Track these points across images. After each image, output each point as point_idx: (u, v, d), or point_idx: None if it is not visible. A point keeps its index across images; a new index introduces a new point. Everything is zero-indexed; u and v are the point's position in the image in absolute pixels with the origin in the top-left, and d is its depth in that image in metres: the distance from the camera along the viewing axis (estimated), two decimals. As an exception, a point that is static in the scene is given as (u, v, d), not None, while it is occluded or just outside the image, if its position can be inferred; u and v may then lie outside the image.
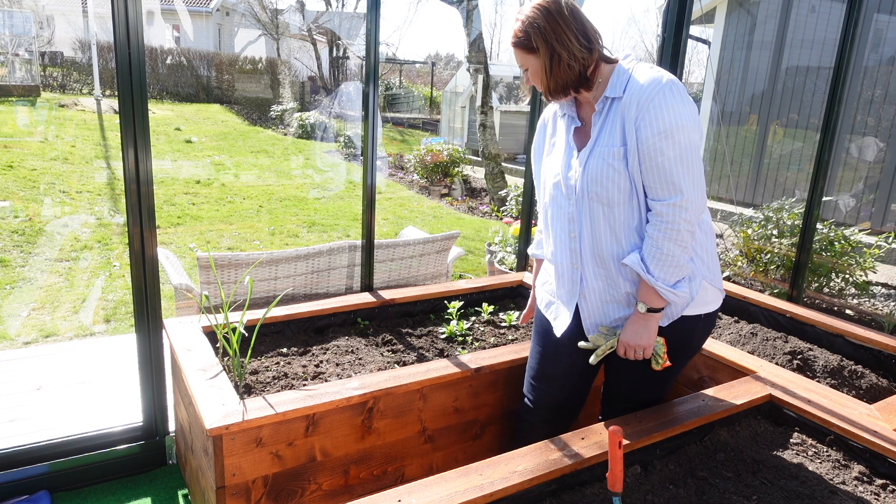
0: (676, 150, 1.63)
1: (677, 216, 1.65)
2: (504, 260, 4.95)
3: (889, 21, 7.57)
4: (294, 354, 2.40)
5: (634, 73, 1.71)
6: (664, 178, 1.65)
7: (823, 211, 5.71)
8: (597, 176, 1.73)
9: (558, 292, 1.96)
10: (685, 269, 1.74)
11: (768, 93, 8.71)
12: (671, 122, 1.62)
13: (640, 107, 1.65)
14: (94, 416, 2.76)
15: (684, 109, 1.63)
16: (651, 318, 1.76)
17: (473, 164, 11.61)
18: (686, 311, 1.82)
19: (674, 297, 1.73)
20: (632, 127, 1.66)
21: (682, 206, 1.65)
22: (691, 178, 1.65)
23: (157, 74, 18.68)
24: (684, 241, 1.68)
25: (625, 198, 1.72)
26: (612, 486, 1.45)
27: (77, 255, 5.66)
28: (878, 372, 2.52)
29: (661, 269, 1.70)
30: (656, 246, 1.69)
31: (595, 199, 1.75)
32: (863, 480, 1.77)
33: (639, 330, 1.77)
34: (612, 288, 1.82)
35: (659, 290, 1.71)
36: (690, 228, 1.68)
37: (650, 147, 1.64)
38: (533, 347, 2.10)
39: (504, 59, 32.35)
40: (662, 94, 1.63)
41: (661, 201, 1.67)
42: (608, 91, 1.73)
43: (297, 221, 7.57)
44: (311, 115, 15.25)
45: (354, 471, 2.08)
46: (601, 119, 1.75)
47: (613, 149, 1.70)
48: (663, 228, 1.67)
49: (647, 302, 1.75)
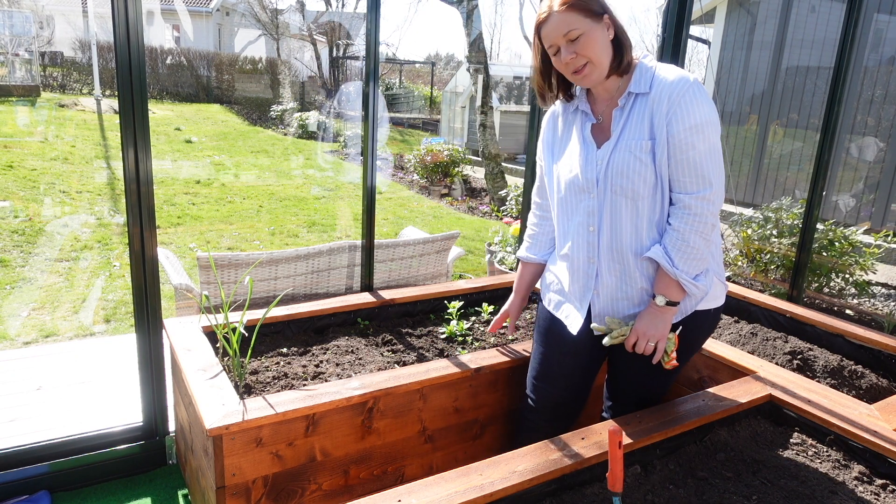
0: (706, 144, 1.67)
1: (705, 209, 1.69)
2: (504, 260, 4.95)
3: (889, 21, 7.57)
4: (294, 354, 2.40)
5: (659, 71, 1.73)
6: (695, 172, 1.68)
7: (823, 211, 5.71)
8: (623, 169, 1.74)
9: (571, 288, 1.94)
10: (706, 262, 1.77)
11: (768, 93, 8.71)
12: (702, 117, 1.66)
13: (671, 102, 1.67)
14: (94, 416, 2.76)
15: (710, 107, 1.69)
16: (668, 312, 1.78)
17: (473, 164, 11.61)
18: (699, 307, 1.84)
19: (695, 289, 1.75)
20: (662, 122, 1.68)
21: (710, 199, 1.69)
22: (717, 172, 1.70)
23: (157, 74, 18.67)
24: (708, 235, 1.72)
25: (650, 191, 1.74)
26: (612, 486, 1.45)
27: (77, 255, 5.66)
28: (878, 372, 2.52)
29: (685, 261, 1.72)
30: (682, 238, 1.71)
31: (619, 193, 1.76)
32: (863, 480, 1.77)
33: (655, 321, 1.78)
34: (626, 284, 1.83)
35: (682, 283, 1.73)
36: (714, 222, 1.72)
37: (682, 141, 1.67)
38: (535, 347, 2.10)
39: (504, 59, 32.38)
40: (692, 91, 1.67)
41: (690, 194, 1.70)
42: (632, 87, 1.74)
43: (297, 221, 7.57)
44: (311, 115, 15.25)
45: (354, 471, 2.08)
46: (624, 114, 1.76)
47: (641, 142, 1.71)
48: (691, 221, 1.70)
49: (666, 295, 1.76)
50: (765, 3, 8.85)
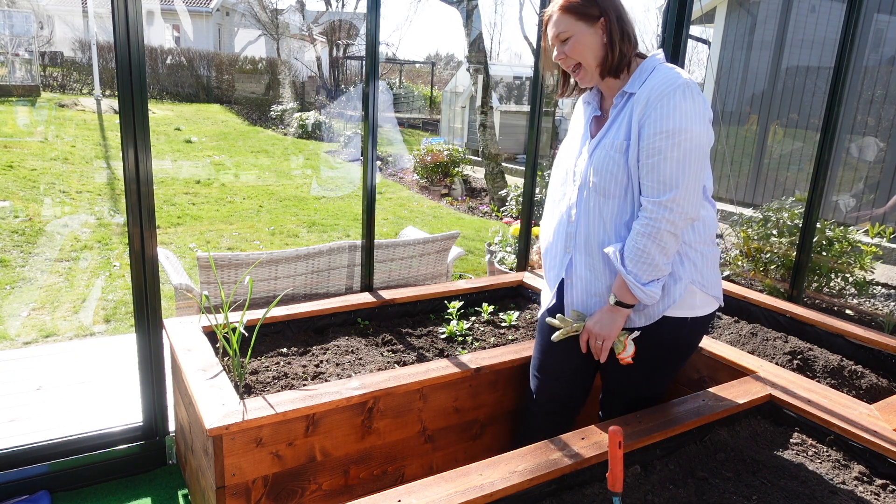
0: (676, 152, 1.64)
1: (660, 215, 1.66)
2: (504, 260, 4.95)
3: (889, 21, 7.57)
4: (294, 354, 2.40)
5: (655, 71, 1.72)
6: (656, 177, 1.67)
7: (823, 210, 5.71)
8: (598, 166, 1.76)
9: (547, 275, 2.00)
10: (661, 270, 1.73)
11: (768, 93, 8.71)
12: (676, 123, 1.63)
13: (647, 104, 1.67)
14: (94, 416, 2.76)
15: (694, 112, 1.64)
16: (618, 312, 1.78)
17: (473, 164, 11.61)
18: (669, 313, 1.81)
19: (642, 294, 1.73)
20: (636, 123, 1.69)
21: (667, 205, 1.66)
22: (685, 181, 1.65)
23: (157, 74, 18.67)
24: (663, 242, 1.68)
25: (620, 191, 1.75)
26: (612, 486, 1.45)
27: (77, 255, 5.66)
28: (878, 372, 2.52)
29: (634, 264, 1.72)
30: (635, 241, 1.71)
31: (594, 189, 1.79)
32: (863, 480, 1.77)
33: (604, 320, 1.80)
34: (597, 279, 1.85)
35: (629, 285, 1.74)
36: (672, 230, 1.67)
37: (649, 145, 1.67)
38: (536, 341, 2.15)
39: (504, 59, 32.36)
40: (672, 95, 1.64)
41: (649, 198, 1.69)
42: (627, 86, 1.75)
43: (297, 221, 7.57)
44: (311, 115, 15.25)
45: (354, 471, 2.08)
46: (616, 112, 1.78)
47: (617, 142, 1.73)
48: (645, 224, 1.69)
49: (617, 294, 1.78)
50: (765, 3, 8.85)
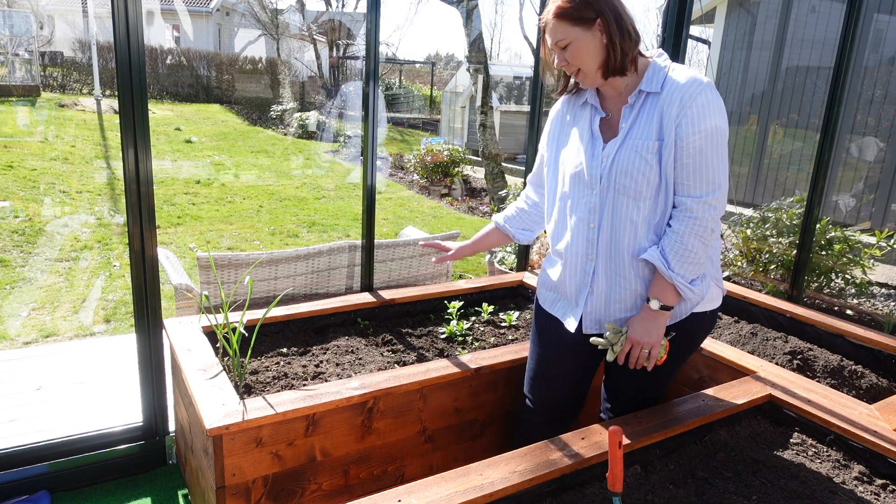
0: (715, 149, 1.66)
1: (706, 213, 1.68)
2: (504, 260, 4.95)
3: (889, 21, 7.57)
4: (294, 354, 2.40)
5: (672, 71, 1.71)
6: (701, 176, 1.67)
7: (823, 210, 5.73)
8: (627, 168, 1.72)
9: (567, 286, 1.91)
10: (703, 266, 1.75)
11: (768, 93, 8.71)
12: (713, 123, 1.65)
13: (682, 104, 1.65)
14: (93, 416, 2.76)
15: (722, 112, 1.68)
16: (662, 316, 1.76)
17: (473, 164, 11.61)
18: (695, 309, 1.83)
19: (691, 294, 1.73)
20: (671, 123, 1.66)
21: (712, 203, 1.68)
22: (724, 177, 1.69)
23: (157, 74, 18.67)
24: (707, 239, 1.71)
25: (652, 192, 1.72)
26: (612, 486, 1.45)
27: (77, 255, 5.66)
28: (878, 372, 2.52)
29: (682, 265, 1.71)
30: (681, 242, 1.69)
31: (621, 192, 1.74)
32: (863, 480, 1.77)
33: (649, 327, 1.76)
34: (621, 286, 1.81)
35: (678, 287, 1.72)
36: (715, 227, 1.71)
37: (690, 145, 1.65)
38: (532, 347, 2.09)
39: (504, 59, 32.37)
40: (704, 94, 1.65)
41: (694, 198, 1.68)
42: (643, 85, 1.72)
43: (297, 221, 7.57)
44: (311, 115, 15.24)
45: (354, 471, 2.08)
46: (633, 112, 1.74)
47: (648, 143, 1.69)
48: (692, 225, 1.68)
49: (661, 298, 1.74)
50: (765, 3, 8.85)
